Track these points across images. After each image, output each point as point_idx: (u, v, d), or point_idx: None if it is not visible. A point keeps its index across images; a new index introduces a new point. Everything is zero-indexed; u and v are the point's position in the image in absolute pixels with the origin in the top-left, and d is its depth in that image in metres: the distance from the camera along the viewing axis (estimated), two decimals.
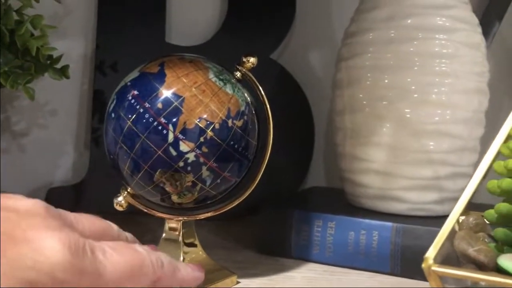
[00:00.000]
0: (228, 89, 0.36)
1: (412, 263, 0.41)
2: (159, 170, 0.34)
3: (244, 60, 0.38)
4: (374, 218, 0.43)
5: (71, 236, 0.25)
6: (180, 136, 0.34)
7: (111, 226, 0.32)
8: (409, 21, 0.44)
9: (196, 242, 0.39)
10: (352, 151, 0.46)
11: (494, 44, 0.56)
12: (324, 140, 0.63)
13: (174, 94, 0.34)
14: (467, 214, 0.33)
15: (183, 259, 0.38)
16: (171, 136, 0.34)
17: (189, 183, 0.35)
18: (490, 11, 0.57)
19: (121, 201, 0.37)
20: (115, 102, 0.36)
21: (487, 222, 0.33)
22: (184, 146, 0.34)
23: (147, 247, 0.30)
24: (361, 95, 0.45)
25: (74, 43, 0.61)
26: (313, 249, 0.44)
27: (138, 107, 0.34)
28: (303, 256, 0.44)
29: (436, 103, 0.43)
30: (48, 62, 0.47)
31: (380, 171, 0.45)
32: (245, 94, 0.37)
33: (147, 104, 0.34)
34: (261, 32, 0.60)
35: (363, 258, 0.42)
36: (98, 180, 0.57)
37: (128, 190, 0.37)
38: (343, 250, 0.43)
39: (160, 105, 0.34)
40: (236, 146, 0.36)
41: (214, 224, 0.53)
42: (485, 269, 0.29)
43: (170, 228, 0.38)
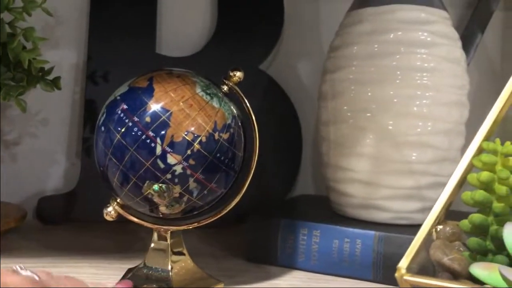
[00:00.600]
0: (215, 103, 0.37)
1: (394, 271, 0.42)
2: (147, 182, 0.35)
3: (231, 74, 0.39)
4: (358, 226, 0.44)
5: None
6: (168, 149, 0.35)
7: None
8: (391, 35, 0.46)
9: (184, 251, 0.40)
10: (336, 161, 0.48)
11: (476, 55, 0.57)
12: (312, 149, 0.64)
13: (162, 108, 0.35)
14: (444, 224, 0.35)
15: (171, 268, 0.39)
16: (159, 149, 0.35)
17: (176, 195, 0.36)
18: (472, 23, 0.59)
19: (110, 211, 0.38)
20: (105, 116, 0.37)
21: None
22: (171, 159, 0.35)
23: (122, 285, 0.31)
24: (345, 107, 0.47)
25: (65, 53, 0.62)
26: (298, 257, 0.45)
27: (127, 120, 0.35)
28: (289, 264, 0.45)
29: (417, 115, 0.45)
30: (40, 74, 0.48)
31: (363, 181, 0.46)
32: (231, 107, 0.38)
33: (136, 118, 0.35)
34: (250, 43, 0.61)
35: (347, 266, 0.44)
36: (89, 189, 0.58)
37: (118, 201, 0.38)
38: (328, 258, 0.44)
39: (148, 119, 0.35)
40: (223, 158, 0.37)
41: (203, 232, 0.54)
42: (459, 277, 0.30)
43: (159, 238, 0.39)
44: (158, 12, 0.62)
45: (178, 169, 0.35)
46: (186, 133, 0.35)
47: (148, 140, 0.35)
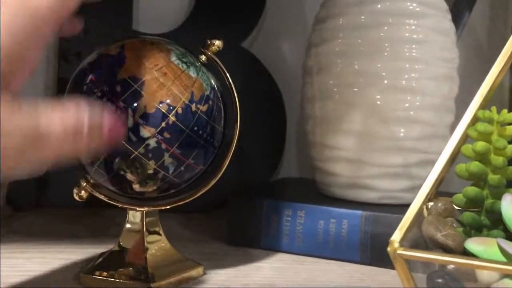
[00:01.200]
0: (192, 72, 0.34)
1: (382, 252, 0.40)
2: (119, 157, 0.33)
3: (209, 43, 0.36)
4: (344, 206, 0.42)
5: None
6: (140, 121, 0.32)
7: None
8: (379, 6, 0.44)
9: (161, 232, 0.38)
10: (322, 139, 0.46)
11: (463, 35, 0.56)
12: (296, 130, 0.62)
13: (134, 77, 0.33)
14: (435, 200, 0.33)
15: (147, 249, 0.36)
16: (130, 121, 0.32)
17: (150, 171, 0.33)
18: (460, 1, 0.57)
19: (80, 191, 0.36)
20: (72, 87, 0.34)
21: (455, 207, 0.32)
22: (144, 132, 0.32)
23: None
24: (331, 82, 0.45)
25: None
26: (282, 239, 0.43)
27: (96, 90, 0.33)
28: (273, 246, 0.43)
29: (406, 89, 0.43)
30: None
31: (350, 159, 0.44)
32: (210, 79, 0.36)
33: (105, 88, 0.32)
34: (231, 20, 0.58)
35: (333, 247, 0.42)
36: (61, 173, 0.55)
37: (88, 179, 0.36)
38: (313, 239, 0.42)
39: (118, 88, 0.32)
40: (201, 132, 0.34)
41: (184, 216, 0.52)
42: (453, 254, 0.28)
43: (134, 218, 0.37)
44: None
45: (152, 143, 0.32)
46: (160, 104, 0.32)
47: (118, 112, 0.32)
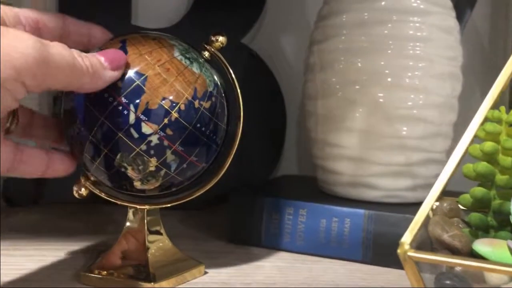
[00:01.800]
0: (195, 68, 0.34)
1: (384, 251, 0.40)
2: (120, 153, 0.32)
3: (212, 39, 0.36)
4: (346, 205, 0.42)
5: None
6: (142, 117, 0.32)
7: None
8: (383, 3, 0.43)
9: (162, 231, 0.37)
10: (324, 137, 0.45)
11: (466, 32, 0.56)
12: (296, 128, 0.61)
13: (136, 73, 0.32)
14: (441, 200, 0.32)
15: (148, 248, 0.36)
16: (132, 117, 0.31)
17: (152, 168, 0.33)
18: None
19: (80, 188, 0.35)
20: None
21: (461, 207, 0.32)
22: (146, 128, 0.32)
23: None
24: (333, 79, 0.44)
25: None
26: (284, 237, 0.43)
27: None
28: (274, 244, 0.43)
29: (409, 87, 0.42)
30: None
31: (352, 157, 0.44)
32: (213, 75, 0.35)
33: None
34: (231, 15, 0.57)
35: (335, 246, 0.41)
36: None
37: (89, 177, 0.35)
38: (315, 238, 0.42)
39: (120, 83, 0.32)
40: (204, 129, 0.34)
41: (185, 213, 0.52)
42: (459, 254, 0.28)
43: (134, 217, 0.36)
44: None
45: (154, 139, 0.32)
46: (162, 100, 0.32)
47: (120, 107, 0.31)
